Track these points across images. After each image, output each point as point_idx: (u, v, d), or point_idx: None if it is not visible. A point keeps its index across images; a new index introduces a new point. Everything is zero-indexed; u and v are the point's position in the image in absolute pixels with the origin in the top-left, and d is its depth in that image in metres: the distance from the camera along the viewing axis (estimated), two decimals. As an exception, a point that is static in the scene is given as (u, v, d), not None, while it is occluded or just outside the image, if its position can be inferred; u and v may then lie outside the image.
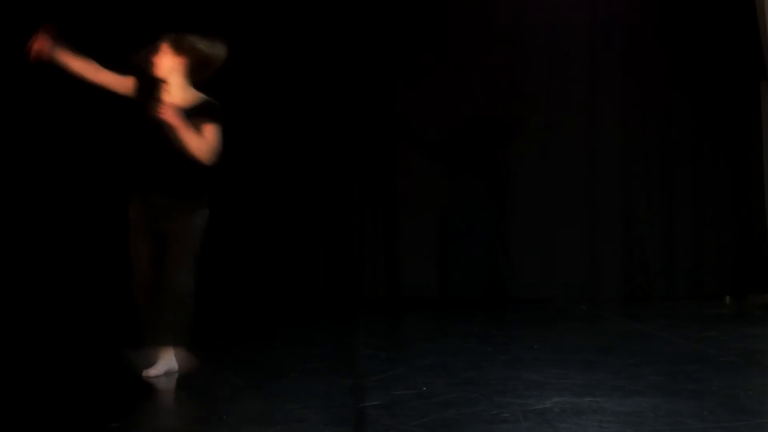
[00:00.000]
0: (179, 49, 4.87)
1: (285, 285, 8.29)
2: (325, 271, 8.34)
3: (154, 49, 4.90)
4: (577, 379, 4.94)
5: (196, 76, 4.93)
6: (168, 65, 4.89)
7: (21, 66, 7.65)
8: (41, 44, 4.83)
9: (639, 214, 8.40)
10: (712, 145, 8.42)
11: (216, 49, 4.91)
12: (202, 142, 4.79)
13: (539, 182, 8.37)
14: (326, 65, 8.34)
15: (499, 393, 4.66)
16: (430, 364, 5.46)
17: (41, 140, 7.98)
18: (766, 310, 7.74)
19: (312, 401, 4.54)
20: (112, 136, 7.98)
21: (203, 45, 4.89)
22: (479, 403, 4.47)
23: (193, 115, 4.81)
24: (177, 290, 4.88)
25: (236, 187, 8.27)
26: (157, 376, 4.92)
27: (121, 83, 4.98)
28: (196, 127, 4.78)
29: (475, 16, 8.34)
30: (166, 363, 4.98)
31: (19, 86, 7.87)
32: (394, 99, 8.38)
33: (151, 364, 4.94)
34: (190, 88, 4.96)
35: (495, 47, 8.34)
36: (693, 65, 8.36)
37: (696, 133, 8.41)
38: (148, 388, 4.89)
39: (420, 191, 8.38)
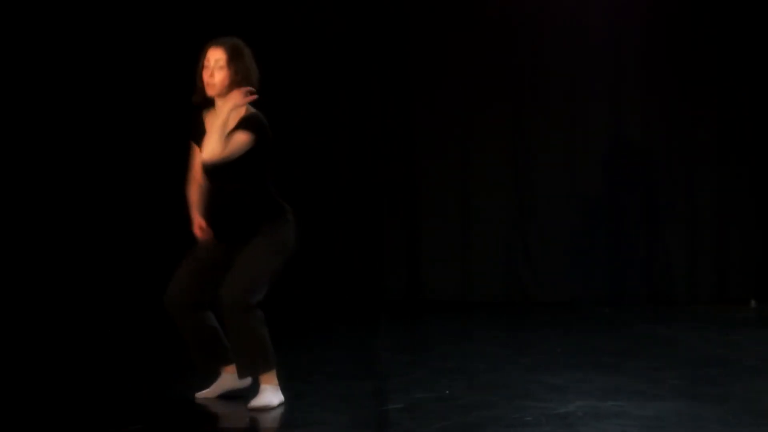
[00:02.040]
0: (236, 58, 4.43)
1: (306, 288, 8.30)
2: (346, 274, 8.34)
3: (203, 65, 4.45)
4: (599, 383, 4.92)
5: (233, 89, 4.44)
6: (223, 79, 4.43)
7: (21, 66, 7.79)
8: None
9: (662, 217, 8.35)
10: (737, 148, 8.37)
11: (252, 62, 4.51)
12: (220, 144, 4.37)
13: (561, 185, 8.34)
14: (348, 70, 8.34)
15: (520, 396, 4.65)
16: (452, 367, 5.45)
17: (42, 140, 7.99)
18: (791, 313, 7.70)
19: (333, 404, 4.55)
20: (113, 136, 8.01)
21: (250, 54, 4.50)
22: (500, 406, 4.46)
23: (236, 129, 4.42)
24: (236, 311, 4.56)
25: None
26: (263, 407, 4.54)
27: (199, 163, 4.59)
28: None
29: (495, 22, 8.31)
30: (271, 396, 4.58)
31: (19, 86, 7.89)
32: (415, 103, 8.36)
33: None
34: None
35: (517, 52, 8.31)
36: (718, 68, 8.31)
37: (721, 136, 8.36)
38: (168, 391, 4.90)
39: (441, 193, 8.36)
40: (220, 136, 4.35)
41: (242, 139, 4.38)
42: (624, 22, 8.32)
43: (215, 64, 4.42)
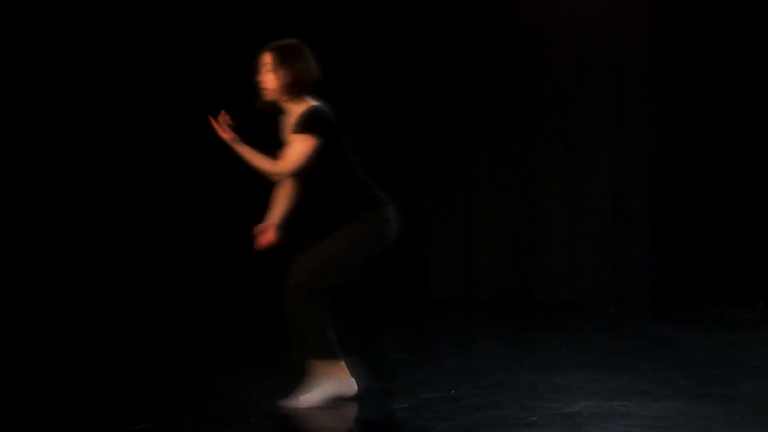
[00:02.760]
0: (283, 60, 4.45)
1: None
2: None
3: (259, 69, 4.50)
4: (605, 383, 4.92)
5: (296, 91, 4.48)
6: (274, 82, 4.47)
7: (21, 67, 7.79)
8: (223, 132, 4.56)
9: (668, 217, 8.34)
10: (743, 147, 8.36)
11: (312, 62, 4.52)
12: (265, 160, 4.49)
13: (567, 185, 8.33)
14: (353, 70, 8.33)
15: (526, 396, 4.65)
16: (457, 367, 5.45)
17: (42, 140, 7.99)
18: (798, 314, 7.69)
19: (339, 404, 4.55)
20: (113, 137, 8.03)
21: (303, 54, 4.50)
22: (506, 406, 4.46)
23: (291, 133, 4.44)
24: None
25: (265, 188, 8.28)
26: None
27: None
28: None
29: (501, 23, 8.31)
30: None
31: (20, 86, 7.90)
32: (420, 104, 8.36)
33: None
34: (301, 102, 4.52)
35: (522, 52, 8.31)
36: (723, 67, 8.30)
37: (727, 136, 8.35)
38: (175, 390, 4.91)
39: (446, 192, 8.36)
40: (255, 156, 4.47)
41: (299, 146, 4.39)
42: (628, 23, 8.31)
43: (264, 69, 4.46)
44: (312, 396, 4.49)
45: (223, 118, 4.48)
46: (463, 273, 8.35)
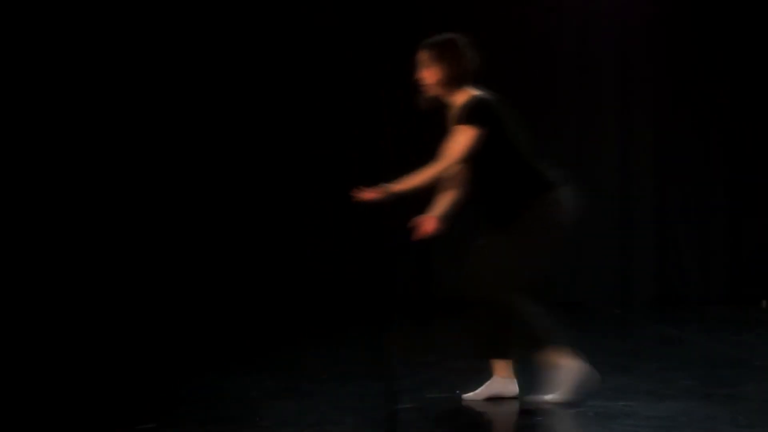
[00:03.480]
0: (438, 55, 4.51)
1: (318, 287, 8.32)
2: (357, 274, 8.35)
3: (416, 67, 4.56)
4: (610, 383, 4.91)
5: (455, 84, 4.53)
6: (433, 78, 4.54)
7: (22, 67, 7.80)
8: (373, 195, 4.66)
9: (673, 217, 8.34)
10: (748, 147, 8.35)
11: (469, 51, 4.55)
12: (426, 172, 4.60)
13: (571, 185, 8.32)
14: (358, 68, 8.35)
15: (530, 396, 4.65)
16: (464, 367, 5.45)
17: (42, 140, 8.01)
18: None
19: (345, 404, 4.56)
20: (113, 137, 8.04)
21: (457, 47, 4.54)
22: (511, 406, 4.46)
23: (453, 125, 4.49)
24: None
25: (268, 190, 8.31)
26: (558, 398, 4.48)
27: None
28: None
29: (505, 23, 8.32)
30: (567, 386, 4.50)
31: (20, 86, 7.92)
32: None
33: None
34: (461, 94, 4.55)
35: (527, 51, 8.32)
36: (728, 66, 8.30)
37: (732, 135, 8.35)
38: (179, 389, 4.92)
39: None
40: (415, 177, 4.63)
41: (460, 138, 4.44)
42: (632, 23, 8.32)
43: (422, 66, 4.54)
44: (556, 393, 4.46)
45: (358, 191, 4.66)
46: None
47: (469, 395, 4.59)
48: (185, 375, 5.33)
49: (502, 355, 4.54)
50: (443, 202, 4.73)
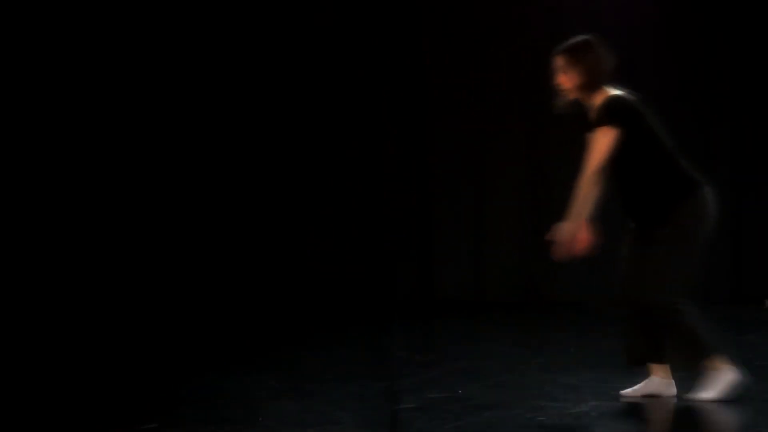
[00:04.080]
0: (574, 59, 4.53)
1: (320, 288, 8.31)
2: (358, 274, 8.34)
3: (553, 73, 4.60)
4: (614, 383, 4.90)
5: (592, 86, 4.53)
6: (571, 82, 4.55)
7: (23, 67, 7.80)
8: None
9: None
10: (751, 147, 8.33)
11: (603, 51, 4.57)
12: (580, 185, 4.63)
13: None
14: (362, 71, 8.34)
15: (534, 396, 4.64)
16: (465, 367, 5.45)
17: (42, 140, 8.00)
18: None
19: (347, 404, 4.55)
20: (114, 137, 8.04)
21: (592, 49, 4.57)
22: (514, 406, 4.45)
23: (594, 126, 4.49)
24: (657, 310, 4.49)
25: (272, 190, 8.30)
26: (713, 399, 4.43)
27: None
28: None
29: (509, 23, 8.31)
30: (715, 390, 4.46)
31: (20, 86, 7.92)
32: (429, 103, 8.36)
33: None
34: (599, 94, 4.54)
35: (531, 51, 8.29)
36: (732, 67, 8.28)
37: (735, 135, 8.32)
38: (182, 389, 4.91)
39: (455, 192, 8.36)
40: (578, 198, 4.60)
41: (601, 139, 4.47)
42: (636, 25, 8.30)
43: (559, 71, 4.57)
44: (710, 392, 4.44)
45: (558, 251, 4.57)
46: (471, 273, 8.34)
47: (627, 391, 4.57)
48: (187, 375, 5.32)
49: (661, 360, 4.53)
50: (585, 207, 4.70)
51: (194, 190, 8.20)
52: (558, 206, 8.30)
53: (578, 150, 8.27)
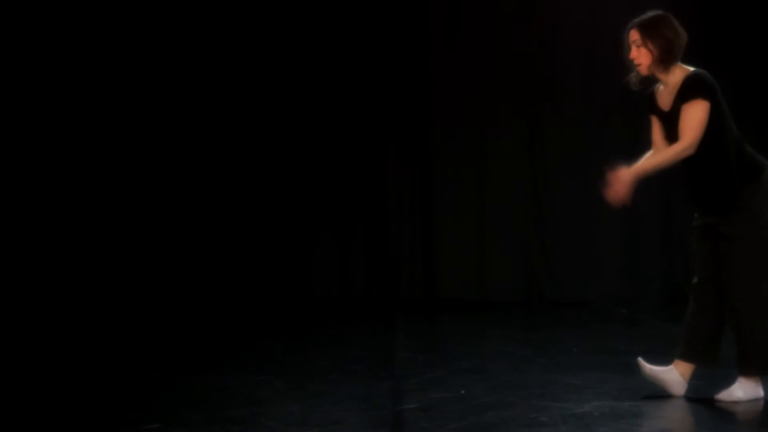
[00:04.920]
0: (649, 33, 4.45)
1: (323, 287, 8.31)
2: (362, 273, 8.34)
3: (626, 48, 4.52)
4: (616, 383, 4.90)
5: (669, 61, 4.46)
6: (646, 57, 4.47)
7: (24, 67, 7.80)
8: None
9: (679, 217, 8.31)
10: (754, 144, 8.31)
11: (676, 26, 4.51)
12: (668, 153, 4.43)
13: (578, 184, 8.31)
14: (364, 68, 8.34)
15: (537, 396, 4.64)
16: (468, 366, 5.45)
17: (42, 140, 8.00)
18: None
19: (350, 403, 4.56)
20: (114, 137, 8.03)
21: (668, 23, 4.50)
22: (517, 406, 4.45)
23: (678, 101, 4.41)
24: (735, 307, 4.44)
25: (275, 187, 8.30)
26: (731, 401, 4.47)
27: (660, 136, 4.62)
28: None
29: (512, 19, 8.30)
30: (738, 388, 4.50)
31: (20, 87, 7.92)
32: (431, 102, 8.36)
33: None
34: (676, 69, 4.48)
35: (534, 50, 8.30)
36: (734, 69, 8.27)
37: (738, 135, 8.31)
38: (184, 389, 4.92)
39: (458, 193, 8.36)
40: (660, 157, 4.45)
41: (696, 113, 4.34)
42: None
43: (634, 46, 4.50)
44: (732, 393, 4.50)
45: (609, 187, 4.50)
46: (475, 273, 8.34)
47: (647, 367, 4.58)
48: (191, 375, 5.32)
49: (713, 361, 4.61)
50: (646, 164, 4.56)
51: (194, 190, 8.19)
52: (560, 207, 8.36)
53: (578, 150, 8.34)
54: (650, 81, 4.57)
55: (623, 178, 4.44)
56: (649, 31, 4.47)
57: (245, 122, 8.29)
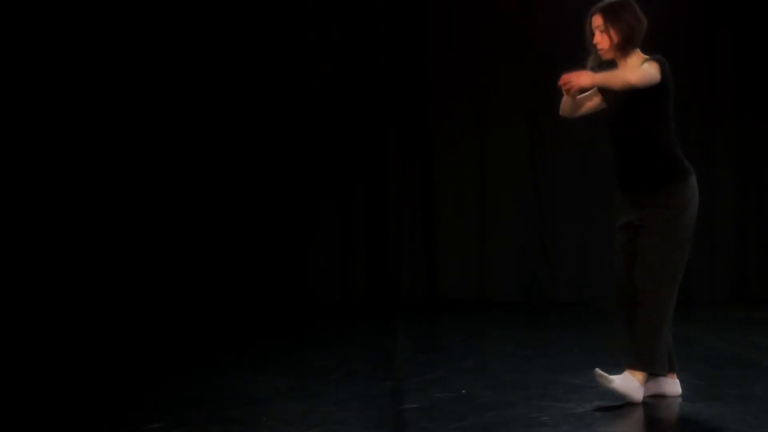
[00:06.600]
0: (613, 19, 4.46)
1: (323, 287, 8.31)
2: (363, 273, 8.34)
3: (588, 32, 4.55)
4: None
5: (630, 46, 4.48)
6: (608, 42, 4.48)
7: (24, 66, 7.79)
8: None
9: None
10: (755, 148, 8.33)
11: (638, 13, 4.50)
12: (619, 73, 4.40)
13: (579, 184, 8.32)
14: (365, 66, 8.34)
15: (538, 396, 4.63)
16: (469, 366, 5.45)
17: (42, 140, 8.00)
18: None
19: (351, 403, 4.55)
20: (114, 136, 8.03)
21: (630, 9, 4.50)
22: (518, 406, 4.45)
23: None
24: (638, 299, 4.45)
25: (275, 186, 8.30)
26: (612, 390, 4.41)
27: (596, 102, 4.71)
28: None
29: (512, 18, 8.30)
30: (619, 382, 4.42)
31: (20, 86, 7.91)
32: (432, 101, 8.36)
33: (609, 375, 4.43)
34: (634, 56, 4.50)
35: (535, 48, 8.30)
36: (735, 68, 8.27)
37: (739, 135, 8.32)
38: (186, 389, 4.92)
39: (458, 192, 8.36)
40: (616, 72, 4.40)
41: (651, 69, 4.35)
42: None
43: (597, 30, 4.52)
44: (615, 383, 4.45)
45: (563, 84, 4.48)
46: (475, 273, 8.34)
47: (604, 381, 4.45)
48: (191, 375, 5.32)
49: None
50: (602, 74, 4.48)
51: (194, 190, 8.20)
52: (561, 207, 8.36)
53: (578, 150, 8.34)
54: (608, 65, 4.57)
55: (583, 75, 4.44)
56: (612, 17, 4.49)
57: (245, 122, 8.29)
